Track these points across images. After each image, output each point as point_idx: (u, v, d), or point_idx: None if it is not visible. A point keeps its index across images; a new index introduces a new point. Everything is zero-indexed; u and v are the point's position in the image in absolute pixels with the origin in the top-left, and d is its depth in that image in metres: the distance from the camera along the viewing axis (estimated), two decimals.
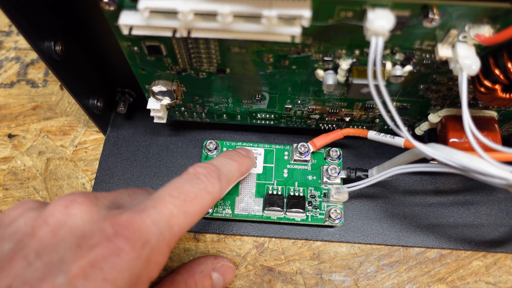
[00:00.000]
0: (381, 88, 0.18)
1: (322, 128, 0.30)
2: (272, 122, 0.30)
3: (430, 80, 0.23)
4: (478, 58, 0.18)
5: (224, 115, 0.29)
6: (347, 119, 0.28)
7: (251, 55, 0.22)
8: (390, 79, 0.22)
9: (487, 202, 0.30)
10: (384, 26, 0.17)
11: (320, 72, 0.22)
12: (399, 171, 0.22)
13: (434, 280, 0.28)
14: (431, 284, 0.27)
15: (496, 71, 0.19)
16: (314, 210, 0.28)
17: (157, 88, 0.25)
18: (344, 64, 0.21)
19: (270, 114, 0.29)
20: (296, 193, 0.29)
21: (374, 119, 0.28)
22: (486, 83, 0.20)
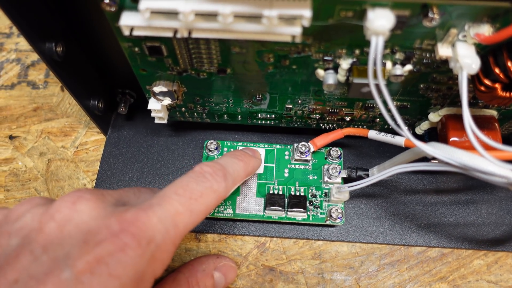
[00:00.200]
0: (381, 88, 0.18)
1: (323, 127, 0.30)
2: (272, 122, 0.30)
3: (430, 79, 0.23)
4: (478, 57, 0.18)
5: (225, 115, 0.29)
6: (348, 118, 0.28)
7: (252, 55, 0.22)
8: (391, 79, 0.22)
9: (488, 201, 0.30)
10: (384, 25, 0.17)
11: (320, 71, 0.22)
12: (399, 170, 0.22)
13: (436, 279, 0.28)
14: (432, 283, 0.27)
15: (496, 70, 0.19)
16: (315, 209, 0.28)
17: (158, 89, 0.25)
18: (344, 63, 0.21)
19: (271, 114, 0.29)
20: (297, 192, 0.29)
21: (374, 118, 0.28)
22: (486, 82, 0.20)
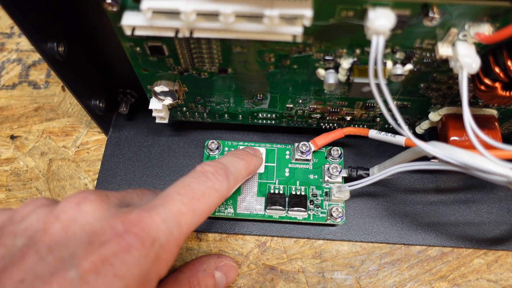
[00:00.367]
0: (382, 87, 0.18)
1: (323, 127, 0.30)
2: (273, 122, 0.30)
3: (431, 78, 0.23)
4: (478, 57, 0.19)
5: (226, 115, 0.30)
6: (348, 118, 0.28)
7: (253, 55, 0.22)
8: (391, 78, 0.22)
9: (488, 200, 0.30)
10: (385, 25, 0.17)
11: (321, 71, 0.23)
12: (400, 170, 0.22)
13: (436, 278, 0.28)
14: (432, 282, 0.28)
15: (496, 69, 0.19)
16: (315, 209, 0.28)
17: (159, 89, 0.25)
18: (345, 63, 0.21)
19: (272, 114, 0.29)
20: (298, 192, 0.29)
21: (375, 118, 0.28)
22: (486, 81, 0.20)
